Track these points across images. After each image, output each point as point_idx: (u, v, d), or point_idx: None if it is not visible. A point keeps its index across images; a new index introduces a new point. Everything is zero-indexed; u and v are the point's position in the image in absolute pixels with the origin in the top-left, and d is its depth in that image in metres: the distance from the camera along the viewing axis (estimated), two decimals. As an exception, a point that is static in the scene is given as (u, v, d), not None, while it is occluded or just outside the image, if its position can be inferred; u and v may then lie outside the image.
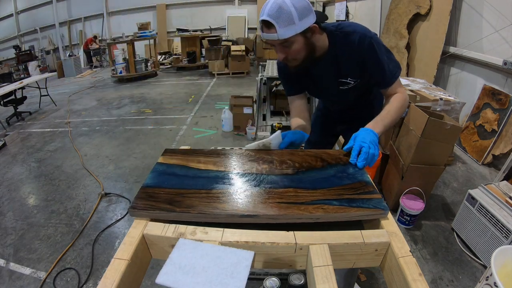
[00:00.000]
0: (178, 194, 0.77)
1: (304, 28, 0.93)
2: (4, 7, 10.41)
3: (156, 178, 0.84)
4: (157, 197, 0.75)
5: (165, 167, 0.90)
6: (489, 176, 2.74)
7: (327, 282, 0.56)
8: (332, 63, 1.13)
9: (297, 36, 0.94)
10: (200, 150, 1.01)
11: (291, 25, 0.90)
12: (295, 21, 0.90)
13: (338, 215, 0.71)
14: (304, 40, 0.98)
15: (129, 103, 5.58)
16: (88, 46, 9.64)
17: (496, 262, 1.00)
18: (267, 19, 0.90)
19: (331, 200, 0.74)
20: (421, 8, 3.89)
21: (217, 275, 0.55)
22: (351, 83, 1.17)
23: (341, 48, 1.08)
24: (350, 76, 1.15)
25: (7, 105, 4.76)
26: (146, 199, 0.75)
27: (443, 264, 1.81)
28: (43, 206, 2.59)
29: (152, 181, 0.82)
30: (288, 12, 0.88)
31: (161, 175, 0.86)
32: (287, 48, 0.98)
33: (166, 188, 0.79)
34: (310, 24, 0.95)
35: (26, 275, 1.87)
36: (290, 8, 0.88)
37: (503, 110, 2.79)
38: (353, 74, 1.15)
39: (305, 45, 1.00)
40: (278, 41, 0.95)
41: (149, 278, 1.53)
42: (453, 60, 3.61)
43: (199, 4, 9.65)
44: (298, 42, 0.97)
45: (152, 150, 3.56)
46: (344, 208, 0.72)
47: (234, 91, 5.87)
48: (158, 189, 0.79)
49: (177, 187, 0.80)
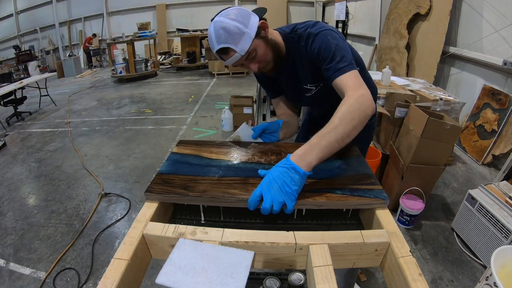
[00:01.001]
0: (192, 180, 0.81)
1: (255, 30, 0.91)
2: (4, 7, 10.41)
3: (171, 166, 0.89)
4: (172, 183, 0.80)
5: (179, 157, 0.95)
6: (489, 176, 2.74)
7: (327, 282, 0.56)
8: (291, 69, 1.09)
9: (255, 41, 0.92)
10: (212, 141, 1.06)
11: (243, 36, 0.89)
12: (244, 30, 0.88)
13: (341, 203, 0.74)
14: (263, 41, 0.96)
15: (129, 103, 5.58)
16: (87, 45, 9.64)
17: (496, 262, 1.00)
18: (220, 47, 0.89)
19: (334, 189, 0.77)
20: (421, 8, 3.89)
21: (217, 275, 0.55)
22: (313, 88, 1.10)
23: (296, 52, 1.03)
24: (309, 82, 1.08)
25: (7, 105, 4.76)
26: (162, 184, 0.80)
27: (443, 264, 1.81)
28: (43, 206, 2.59)
29: (167, 169, 0.87)
30: (233, 28, 0.87)
31: (176, 164, 0.91)
32: (254, 58, 0.96)
33: (180, 175, 0.84)
34: (256, 23, 0.92)
35: (26, 275, 1.87)
36: (231, 23, 0.87)
37: (503, 110, 2.79)
38: (311, 79, 1.07)
39: (267, 45, 0.98)
40: (244, 57, 0.93)
41: (149, 278, 1.53)
42: (453, 60, 3.62)
43: (199, 4, 9.65)
44: (260, 46, 0.95)
45: (152, 150, 3.56)
46: (346, 196, 0.75)
47: (234, 91, 5.87)
48: (173, 175, 0.84)
49: (191, 174, 0.84)
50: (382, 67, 3.61)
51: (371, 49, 5.60)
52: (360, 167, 0.89)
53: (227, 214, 0.82)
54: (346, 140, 0.77)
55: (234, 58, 0.92)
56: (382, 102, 2.54)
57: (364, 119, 0.80)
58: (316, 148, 0.74)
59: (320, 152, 0.74)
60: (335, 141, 0.75)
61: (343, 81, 0.87)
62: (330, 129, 0.76)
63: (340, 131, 0.76)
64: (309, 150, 0.74)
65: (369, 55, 5.65)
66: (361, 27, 6.20)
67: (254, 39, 0.91)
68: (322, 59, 0.92)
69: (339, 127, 0.76)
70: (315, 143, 0.75)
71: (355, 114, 0.78)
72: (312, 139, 0.76)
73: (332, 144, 0.75)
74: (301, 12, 9.26)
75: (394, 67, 4.35)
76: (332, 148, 0.76)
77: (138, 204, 2.55)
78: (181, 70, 8.28)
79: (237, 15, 0.89)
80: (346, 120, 0.77)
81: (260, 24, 0.93)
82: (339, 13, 6.28)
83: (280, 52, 1.03)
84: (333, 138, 0.75)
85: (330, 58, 0.90)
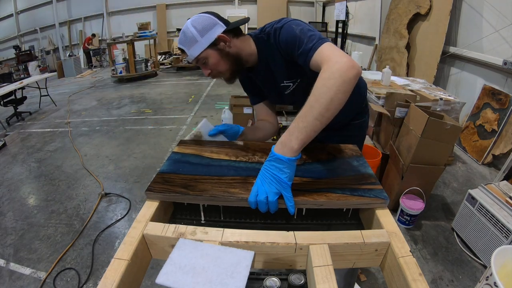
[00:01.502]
0: (192, 179, 0.82)
1: (209, 42, 0.96)
2: (4, 7, 10.41)
3: (172, 165, 0.90)
4: (172, 182, 0.81)
5: (180, 156, 0.96)
6: (489, 176, 2.74)
7: (327, 282, 0.56)
8: (266, 69, 1.09)
9: (207, 51, 0.97)
10: (213, 141, 1.07)
11: (195, 43, 0.96)
12: (198, 39, 0.95)
13: (340, 202, 0.74)
14: (217, 52, 0.99)
15: (129, 103, 5.58)
16: (87, 45, 9.64)
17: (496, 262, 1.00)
18: (179, 47, 1.00)
19: (334, 189, 0.77)
20: (421, 8, 3.89)
21: (217, 275, 0.55)
22: (290, 85, 1.09)
23: (268, 52, 1.03)
24: (285, 78, 1.08)
25: (7, 105, 4.76)
26: (162, 183, 0.80)
27: (443, 264, 1.81)
28: (43, 206, 2.59)
29: (168, 168, 0.88)
30: (189, 34, 0.95)
31: (176, 163, 0.91)
32: (205, 64, 1.01)
33: (181, 174, 0.85)
34: (215, 35, 0.96)
35: (26, 275, 1.87)
36: (190, 29, 0.95)
37: (503, 110, 2.79)
38: (287, 75, 1.06)
39: (222, 56, 1.00)
40: (195, 61, 1.01)
41: (149, 278, 1.53)
42: (453, 60, 3.62)
43: (199, 4, 9.65)
44: (212, 56, 0.99)
45: (152, 150, 3.56)
46: (346, 196, 0.75)
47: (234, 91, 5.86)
48: (174, 175, 0.84)
49: (191, 174, 0.85)
50: (382, 67, 3.61)
51: (371, 49, 5.60)
52: (361, 167, 0.89)
53: (227, 214, 0.82)
54: (327, 114, 0.72)
55: (188, 59, 1.02)
56: (382, 102, 2.54)
57: (343, 85, 0.72)
58: (295, 131, 0.72)
59: (300, 134, 0.72)
60: (314, 119, 0.72)
61: (317, 58, 0.82)
62: (306, 109, 0.73)
63: (317, 107, 0.71)
64: (288, 136, 0.73)
65: (369, 55, 5.65)
66: (361, 27, 6.20)
67: (206, 49, 0.97)
68: (292, 48, 0.91)
69: (315, 104, 0.72)
70: (293, 127, 0.73)
71: (330, 84, 0.72)
72: (291, 124, 0.74)
73: (311, 123, 0.72)
74: (301, 12, 9.26)
75: (394, 67, 4.35)
76: (314, 126, 0.72)
77: (138, 204, 2.55)
78: (181, 70, 8.29)
79: (200, 23, 0.96)
80: (322, 94, 0.72)
81: (219, 37, 0.97)
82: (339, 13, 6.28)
83: (240, 63, 1.05)
84: (310, 117, 0.72)
85: (298, 44, 0.88)
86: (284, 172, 0.71)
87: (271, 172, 0.71)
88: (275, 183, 0.71)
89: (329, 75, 0.73)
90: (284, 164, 0.71)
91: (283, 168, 0.71)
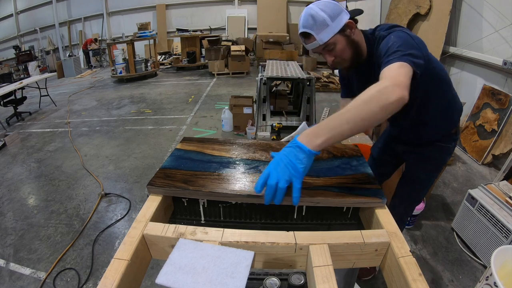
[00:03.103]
0: (193, 175, 0.83)
1: (339, 27, 0.97)
2: (4, 7, 10.41)
3: (174, 161, 0.91)
4: (173, 177, 0.82)
5: (183, 153, 0.97)
6: (489, 176, 2.74)
7: (327, 282, 0.56)
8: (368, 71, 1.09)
9: (336, 36, 0.98)
10: (216, 139, 1.09)
11: (327, 28, 0.95)
12: (329, 23, 0.95)
13: (337, 200, 0.75)
14: (345, 39, 1.00)
15: (129, 103, 5.58)
16: (87, 46, 9.64)
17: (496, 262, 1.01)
18: (304, 31, 0.97)
19: (332, 187, 0.78)
20: (421, 8, 3.89)
21: (217, 275, 0.55)
22: None
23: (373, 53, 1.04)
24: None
25: (7, 105, 4.75)
26: (164, 178, 0.82)
27: (443, 264, 1.81)
28: (43, 206, 2.59)
29: (169, 164, 0.90)
30: (320, 18, 0.94)
31: (179, 159, 0.93)
32: (332, 51, 1.01)
33: (182, 170, 0.86)
34: (344, 21, 0.97)
35: (26, 275, 1.87)
36: (320, 13, 0.94)
37: (503, 110, 2.79)
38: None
39: (348, 43, 1.01)
40: (321, 47, 1.00)
41: (149, 278, 1.53)
42: (453, 60, 3.62)
43: (199, 4, 9.64)
44: (340, 42, 1.00)
45: (152, 150, 3.56)
46: (344, 194, 0.75)
47: (234, 91, 5.87)
48: (175, 170, 0.86)
49: (192, 170, 0.86)
50: (382, 67, 3.61)
51: (371, 49, 5.60)
52: (360, 166, 0.89)
53: (227, 214, 0.82)
54: (360, 123, 0.71)
55: (313, 45, 0.99)
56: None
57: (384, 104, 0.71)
58: (325, 128, 0.71)
59: (328, 132, 0.70)
60: (346, 123, 0.70)
61: (382, 73, 0.81)
62: (343, 111, 0.72)
63: (353, 112, 0.71)
64: (317, 130, 0.71)
65: (369, 55, 5.64)
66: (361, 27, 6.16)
67: (336, 34, 0.97)
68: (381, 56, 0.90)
69: (352, 109, 0.71)
70: (325, 123, 0.72)
71: (373, 99, 0.72)
72: (325, 120, 0.74)
73: (342, 125, 0.70)
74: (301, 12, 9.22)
75: (394, 67, 4.34)
76: (343, 129, 0.70)
77: (138, 204, 2.55)
78: (181, 70, 8.28)
79: (329, 7, 0.95)
80: (363, 103, 0.71)
81: (347, 23, 0.98)
82: (339, 13, 6.28)
83: (360, 54, 1.06)
84: (344, 119, 0.71)
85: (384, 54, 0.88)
86: (301, 162, 0.68)
87: (289, 158, 0.69)
88: (290, 169, 0.68)
89: (374, 94, 0.73)
90: (304, 154, 0.69)
91: (302, 158, 0.69)
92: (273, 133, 3.59)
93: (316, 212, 0.80)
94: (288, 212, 0.80)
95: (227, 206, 0.80)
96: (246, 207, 0.80)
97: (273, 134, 3.59)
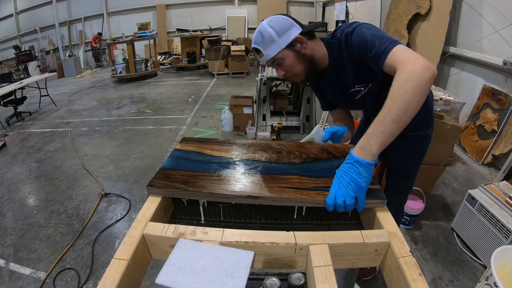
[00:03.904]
0: (192, 176, 0.83)
1: (287, 42, 0.97)
2: (4, 7, 10.40)
3: (173, 162, 0.91)
4: (173, 178, 0.82)
5: (182, 153, 0.97)
6: (489, 176, 2.74)
7: (327, 282, 0.56)
8: (336, 75, 1.09)
9: (283, 51, 0.98)
10: (215, 139, 1.09)
11: (273, 44, 0.97)
12: (276, 39, 0.96)
13: None
14: (294, 54, 1.00)
15: (129, 103, 5.58)
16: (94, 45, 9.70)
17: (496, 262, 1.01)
18: (254, 46, 1.01)
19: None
20: (421, 8, 3.89)
21: (217, 275, 0.55)
22: (361, 89, 1.09)
23: (340, 57, 1.03)
24: (356, 83, 1.07)
25: (7, 105, 4.75)
26: (163, 179, 0.82)
27: (443, 264, 1.81)
28: (43, 206, 2.59)
29: (169, 164, 0.90)
30: (267, 34, 0.96)
31: (178, 160, 0.93)
32: (281, 65, 1.03)
33: (182, 170, 0.86)
34: (293, 36, 0.97)
35: (26, 275, 1.87)
36: (268, 29, 0.96)
37: (503, 110, 2.79)
38: (358, 79, 1.06)
39: (298, 58, 1.01)
40: (270, 61, 1.02)
41: (149, 278, 1.53)
42: (453, 60, 3.62)
43: (199, 4, 9.65)
44: (289, 57, 1.00)
45: (152, 150, 3.56)
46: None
47: (234, 91, 5.87)
48: (175, 171, 0.86)
49: (192, 170, 0.86)
50: (382, 67, 3.61)
51: (371, 49, 5.59)
52: None
53: (227, 214, 0.82)
54: (405, 117, 0.72)
55: (263, 59, 1.02)
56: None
57: (419, 87, 0.72)
58: (374, 135, 0.74)
59: (379, 139, 0.73)
60: (392, 123, 0.72)
61: (391, 61, 0.82)
62: (384, 113, 0.74)
63: (394, 110, 0.72)
64: (368, 140, 0.74)
65: (369, 55, 5.64)
66: (361, 27, 6.18)
67: (283, 49, 0.98)
68: (363, 52, 0.91)
69: (392, 107, 0.72)
70: (372, 131, 0.74)
71: (407, 87, 0.72)
72: (369, 128, 0.75)
73: (389, 126, 0.72)
74: (301, 12, 9.26)
75: (394, 67, 4.34)
76: (392, 130, 0.73)
77: (138, 204, 2.55)
78: (181, 70, 8.28)
79: (278, 24, 0.97)
80: (398, 97, 0.72)
81: (296, 38, 0.98)
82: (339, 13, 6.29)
83: (316, 66, 1.06)
84: (389, 121, 0.72)
85: (369, 47, 0.88)
86: (362, 176, 0.71)
87: (350, 175, 0.72)
88: (353, 186, 0.71)
89: (406, 78, 0.73)
90: (363, 168, 0.72)
91: (362, 172, 0.72)
92: (273, 133, 3.59)
93: (316, 212, 0.80)
94: (288, 212, 0.80)
95: (227, 206, 0.80)
96: (246, 207, 0.80)
97: (273, 134, 3.59)
